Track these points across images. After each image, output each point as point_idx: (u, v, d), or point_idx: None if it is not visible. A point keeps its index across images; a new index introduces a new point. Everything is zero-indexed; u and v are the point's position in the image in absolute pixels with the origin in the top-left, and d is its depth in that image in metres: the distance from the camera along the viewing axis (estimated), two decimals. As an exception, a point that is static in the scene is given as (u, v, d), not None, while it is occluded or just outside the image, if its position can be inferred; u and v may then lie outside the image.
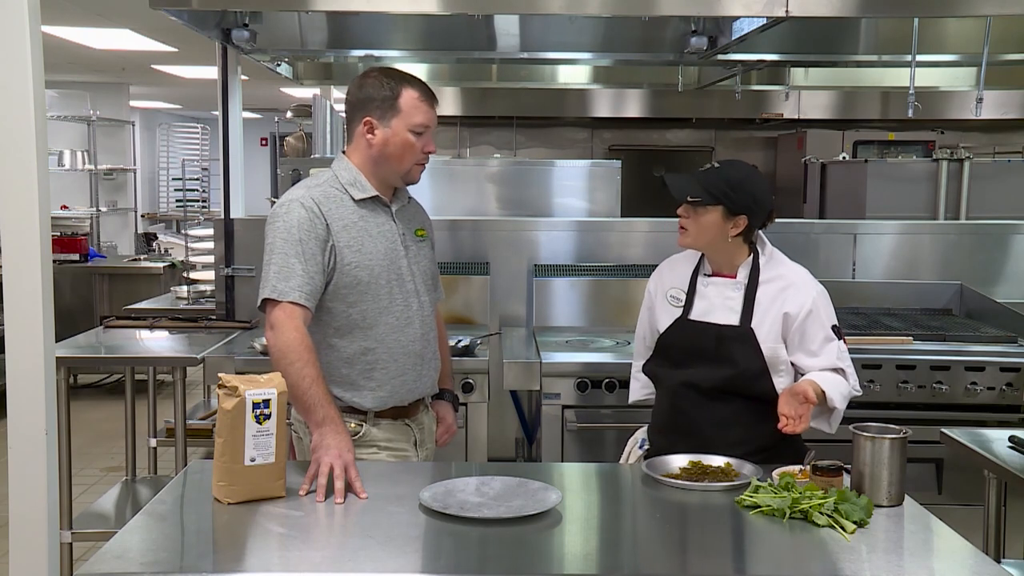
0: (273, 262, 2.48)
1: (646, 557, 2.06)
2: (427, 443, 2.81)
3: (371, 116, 2.56)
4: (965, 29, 4.61)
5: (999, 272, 4.68)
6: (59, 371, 3.54)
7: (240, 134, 4.80)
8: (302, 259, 2.47)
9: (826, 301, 2.69)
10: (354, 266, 2.54)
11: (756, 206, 2.64)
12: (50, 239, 2.99)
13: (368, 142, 2.57)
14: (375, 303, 2.58)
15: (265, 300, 2.49)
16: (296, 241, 2.47)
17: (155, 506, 2.19)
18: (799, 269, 2.75)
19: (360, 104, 2.58)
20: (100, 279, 7.61)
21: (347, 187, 2.58)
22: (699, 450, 2.50)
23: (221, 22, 4.17)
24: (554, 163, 5.80)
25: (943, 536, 2.10)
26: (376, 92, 2.56)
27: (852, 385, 2.64)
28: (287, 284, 2.46)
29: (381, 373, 2.61)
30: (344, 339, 2.58)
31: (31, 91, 2.86)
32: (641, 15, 3.85)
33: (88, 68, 9.37)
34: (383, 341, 2.60)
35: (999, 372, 3.71)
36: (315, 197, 2.53)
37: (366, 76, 2.62)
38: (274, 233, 2.51)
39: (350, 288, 2.55)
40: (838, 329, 2.66)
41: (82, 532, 3.98)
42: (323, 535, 2.08)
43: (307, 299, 2.47)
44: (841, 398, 2.58)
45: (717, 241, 2.66)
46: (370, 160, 2.59)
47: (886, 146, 8.22)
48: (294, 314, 2.45)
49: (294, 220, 2.49)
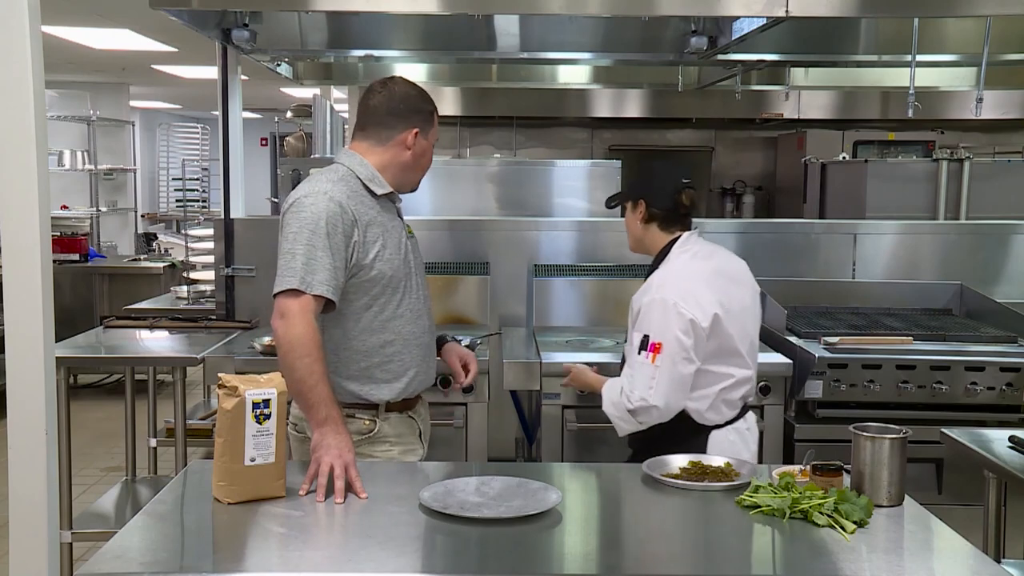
0: (299, 252, 2.45)
1: (646, 557, 2.06)
2: (427, 435, 2.84)
3: (418, 127, 2.65)
4: (965, 29, 4.61)
5: (999, 272, 4.68)
6: (59, 371, 3.54)
7: (240, 134, 4.80)
8: (329, 252, 2.47)
9: (660, 310, 2.71)
10: (380, 261, 2.57)
11: (651, 187, 2.83)
12: (50, 239, 2.99)
13: (407, 148, 2.64)
14: (394, 296, 2.62)
15: (285, 289, 2.45)
16: (324, 234, 2.46)
17: (155, 506, 2.19)
18: (673, 270, 2.81)
19: (407, 113, 2.64)
20: (100, 279, 7.61)
21: (367, 183, 2.60)
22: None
23: (221, 22, 4.17)
24: (554, 163, 5.80)
25: (943, 536, 2.10)
26: (423, 105, 2.68)
27: (627, 397, 2.72)
28: (315, 277, 2.45)
29: (398, 365, 2.64)
30: (364, 333, 2.60)
31: (31, 91, 2.86)
32: (641, 15, 3.85)
33: (88, 68, 9.37)
34: (400, 333, 2.63)
35: (999, 372, 3.71)
36: (342, 192, 2.54)
37: (403, 85, 2.68)
38: (300, 222, 2.48)
39: (374, 282, 2.57)
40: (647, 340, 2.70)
41: (82, 532, 3.98)
42: (323, 535, 2.08)
43: (334, 293, 2.48)
44: (608, 402, 2.80)
45: (638, 235, 2.90)
46: (398, 165, 2.65)
47: (886, 146, 8.21)
48: (309, 307, 2.44)
49: (322, 212, 2.48)
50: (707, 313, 2.71)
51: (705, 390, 2.77)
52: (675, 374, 2.69)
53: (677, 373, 2.69)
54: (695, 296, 2.72)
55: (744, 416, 2.90)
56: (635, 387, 2.71)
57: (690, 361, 2.70)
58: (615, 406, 2.77)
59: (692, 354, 2.70)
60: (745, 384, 2.86)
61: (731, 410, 2.84)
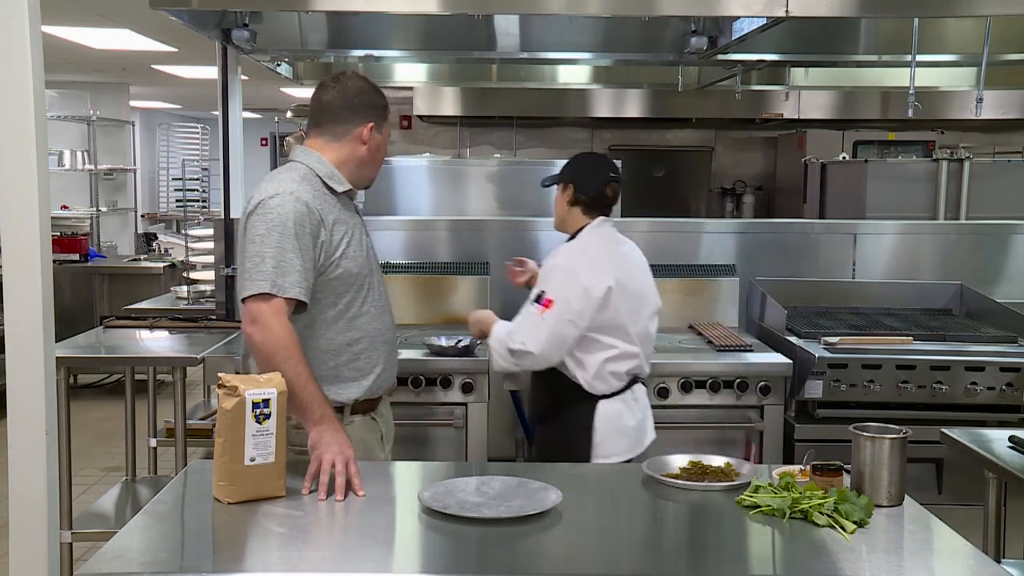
0: (268, 255, 2.45)
1: (646, 557, 2.06)
2: (390, 437, 2.83)
3: (374, 121, 2.65)
4: (965, 29, 4.60)
5: (999, 272, 4.68)
6: (59, 371, 3.54)
7: (240, 134, 4.79)
8: (299, 254, 2.46)
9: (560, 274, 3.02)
10: (345, 259, 2.57)
11: (580, 175, 3.14)
12: (50, 239, 2.98)
13: (363, 143, 2.64)
14: (359, 294, 2.62)
15: (257, 293, 2.44)
16: (293, 235, 2.46)
17: (155, 506, 2.19)
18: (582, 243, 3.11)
19: (362, 108, 2.64)
20: (100, 279, 7.61)
21: (326, 180, 2.60)
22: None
23: (221, 22, 4.17)
24: (554, 163, 5.78)
25: (943, 536, 2.10)
26: (377, 99, 2.68)
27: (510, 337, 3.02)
28: (286, 279, 2.44)
29: (365, 362, 2.64)
30: (332, 332, 2.59)
31: (31, 91, 2.86)
32: (641, 15, 3.85)
33: (88, 68, 9.37)
34: (366, 331, 2.63)
35: (999, 372, 3.71)
36: (307, 191, 2.53)
37: (356, 79, 2.68)
38: (267, 224, 2.47)
39: (340, 280, 2.57)
40: (542, 296, 3.01)
41: (82, 532, 3.98)
42: (323, 535, 2.08)
43: (305, 295, 2.48)
44: (495, 338, 3.08)
45: (562, 215, 3.19)
46: (354, 160, 2.65)
47: (886, 146, 8.20)
48: (282, 309, 2.44)
49: (289, 213, 2.47)
50: (602, 284, 2.99)
51: (591, 357, 3.03)
52: (557, 331, 2.97)
53: (559, 331, 2.97)
54: (595, 267, 3.02)
55: (632, 388, 3.14)
56: (520, 332, 3.01)
57: (574, 325, 2.98)
58: (499, 342, 3.06)
59: (578, 319, 2.98)
60: (631, 359, 3.09)
61: (618, 381, 3.09)
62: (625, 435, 3.09)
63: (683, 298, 4.51)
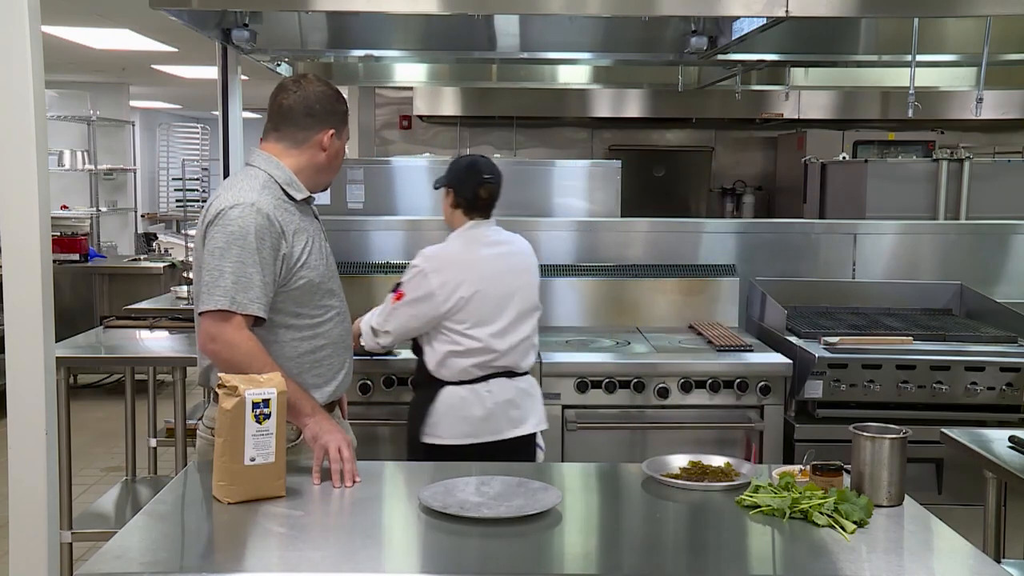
0: (227, 269, 2.41)
1: (646, 557, 2.06)
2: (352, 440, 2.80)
3: (334, 128, 2.63)
4: (965, 29, 4.60)
5: (999, 272, 4.68)
6: (59, 371, 3.54)
7: (240, 134, 4.79)
8: (259, 268, 2.42)
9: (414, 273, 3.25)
10: (307, 268, 2.54)
11: (458, 178, 3.31)
12: (50, 239, 2.99)
13: (322, 150, 2.61)
14: (322, 300, 2.61)
15: (214, 310, 2.41)
16: (254, 249, 2.41)
17: (155, 506, 2.19)
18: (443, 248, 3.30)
19: (323, 115, 2.61)
20: (100, 279, 7.61)
21: (285, 187, 2.56)
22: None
23: (221, 22, 4.16)
24: (554, 163, 5.79)
25: (943, 536, 2.10)
26: (338, 105, 2.65)
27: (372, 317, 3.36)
28: (246, 295, 2.41)
29: (327, 368, 2.64)
30: (296, 340, 2.57)
31: (31, 91, 2.86)
32: (641, 15, 3.85)
33: (88, 68, 9.38)
34: (330, 337, 2.63)
35: (999, 372, 3.71)
36: (268, 202, 2.48)
37: (317, 84, 2.63)
38: (227, 237, 2.42)
39: (303, 290, 2.55)
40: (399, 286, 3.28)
41: (82, 532, 3.97)
42: (323, 535, 2.08)
43: (264, 310, 2.45)
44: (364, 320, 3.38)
45: (448, 216, 3.36)
46: (313, 167, 2.62)
47: (886, 146, 8.20)
48: (242, 324, 2.42)
49: (250, 225, 2.42)
50: (448, 290, 3.19)
51: (436, 347, 3.24)
52: (401, 321, 3.27)
53: (403, 322, 3.27)
54: (446, 272, 3.21)
55: (488, 381, 3.24)
56: (379, 315, 3.34)
57: (416, 319, 3.24)
58: (365, 323, 3.38)
59: (420, 315, 3.23)
60: (479, 355, 3.22)
61: (466, 374, 3.24)
62: (467, 422, 3.21)
63: (683, 298, 4.51)
